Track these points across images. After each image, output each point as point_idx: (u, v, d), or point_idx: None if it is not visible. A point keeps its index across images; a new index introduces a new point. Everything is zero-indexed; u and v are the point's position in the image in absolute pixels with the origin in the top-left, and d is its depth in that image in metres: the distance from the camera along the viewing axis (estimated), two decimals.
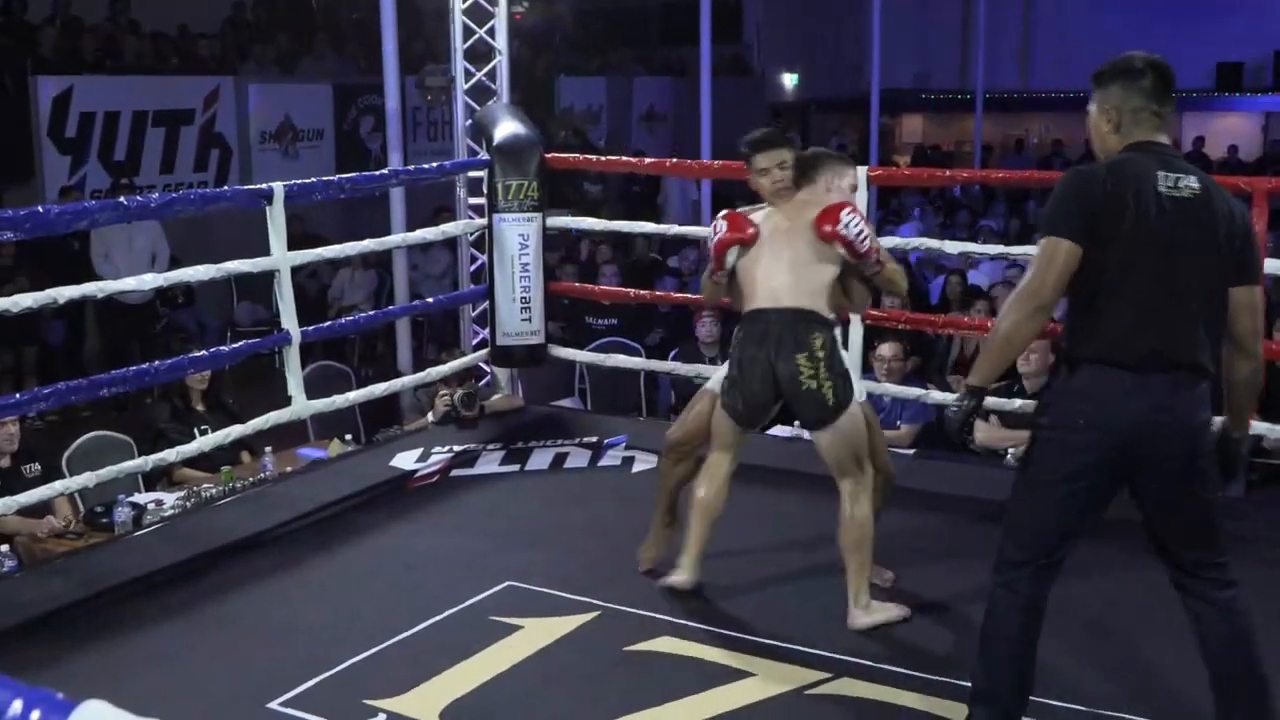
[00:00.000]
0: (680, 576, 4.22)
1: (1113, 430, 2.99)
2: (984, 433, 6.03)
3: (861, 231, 3.96)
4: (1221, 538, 3.13)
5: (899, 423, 6.36)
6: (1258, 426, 4.79)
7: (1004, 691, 3.19)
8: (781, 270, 4.03)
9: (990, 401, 5.66)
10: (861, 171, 5.60)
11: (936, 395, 5.85)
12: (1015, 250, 5.98)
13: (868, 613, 4.02)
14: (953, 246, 6.25)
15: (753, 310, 4.06)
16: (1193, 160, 18.92)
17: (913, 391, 5.94)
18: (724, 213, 4.19)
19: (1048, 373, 5.93)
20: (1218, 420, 3.20)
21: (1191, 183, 3.02)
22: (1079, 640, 3.90)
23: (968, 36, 21.11)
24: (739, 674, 3.69)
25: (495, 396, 6.43)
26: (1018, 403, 5.61)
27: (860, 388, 4.25)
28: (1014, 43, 21.92)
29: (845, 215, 3.95)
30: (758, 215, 4.18)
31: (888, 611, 4.06)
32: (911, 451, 5.97)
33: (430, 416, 6.27)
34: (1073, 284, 3.04)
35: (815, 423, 4.04)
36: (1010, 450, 5.86)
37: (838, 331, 4.12)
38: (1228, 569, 3.12)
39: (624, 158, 8.53)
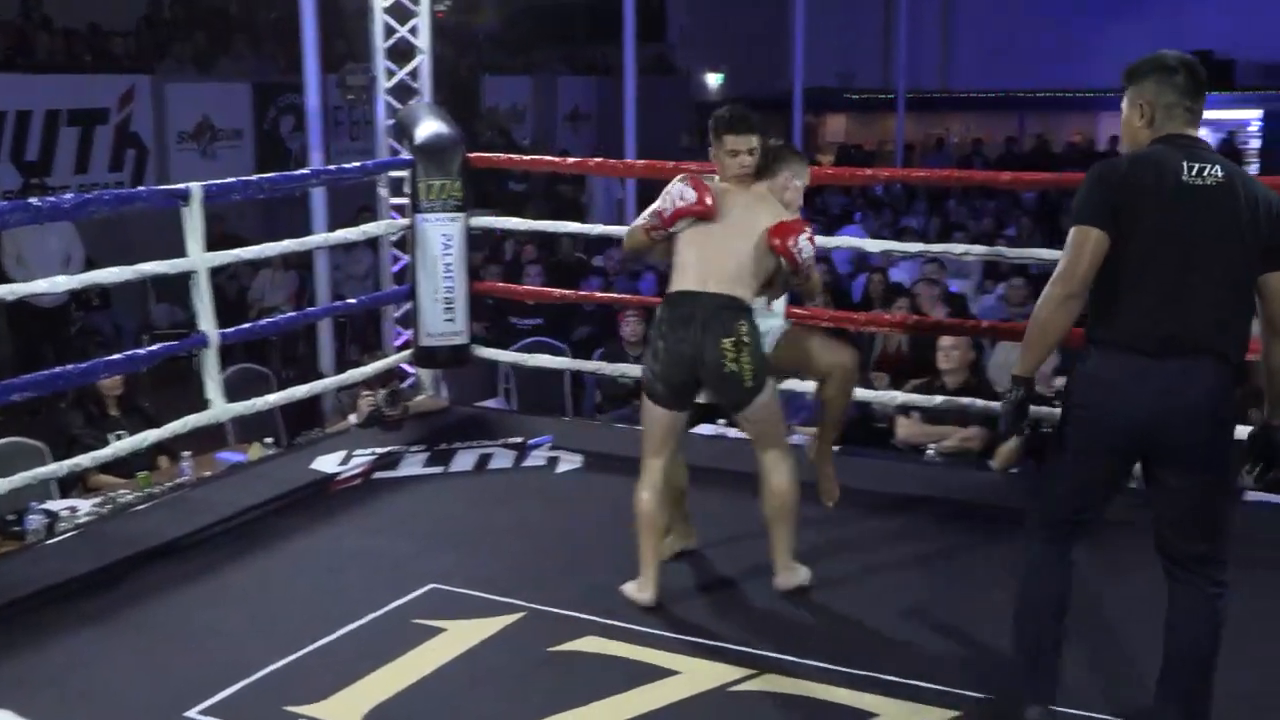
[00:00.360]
0: (642, 595, 4.18)
1: (1125, 412, 3.11)
2: (905, 429, 6.09)
3: (810, 257, 4.10)
4: (1223, 536, 3.19)
5: None
6: None
7: (1027, 642, 3.35)
8: (722, 256, 4.08)
9: (911, 398, 5.73)
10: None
11: (859, 392, 5.88)
12: (936, 248, 6.05)
13: (793, 574, 4.22)
14: (874, 245, 6.32)
15: (681, 292, 4.10)
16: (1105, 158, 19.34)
17: None
18: (689, 177, 4.18)
19: (967, 369, 6.03)
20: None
21: (1216, 171, 3.10)
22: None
23: (889, 36, 21.32)
24: (664, 672, 3.69)
25: (419, 397, 6.39)
26: (938, 399, 5.68)
27: (778, 326, 4.41)
28: (935, 43, 22.18)
29: (802, 240, 4.05)
30: (720, 194, 4.18)
31: (802, 573, 4.26)
32: (836, 447, 6.01)
33: (353, 418, 6.21)
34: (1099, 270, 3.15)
35: (733, 404, 4.15)
36: (931, 446, 5.92)
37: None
38: (1223, 569, 3.19)
39: (548, 157, 8.49)
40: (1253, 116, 20.93)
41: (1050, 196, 14.57)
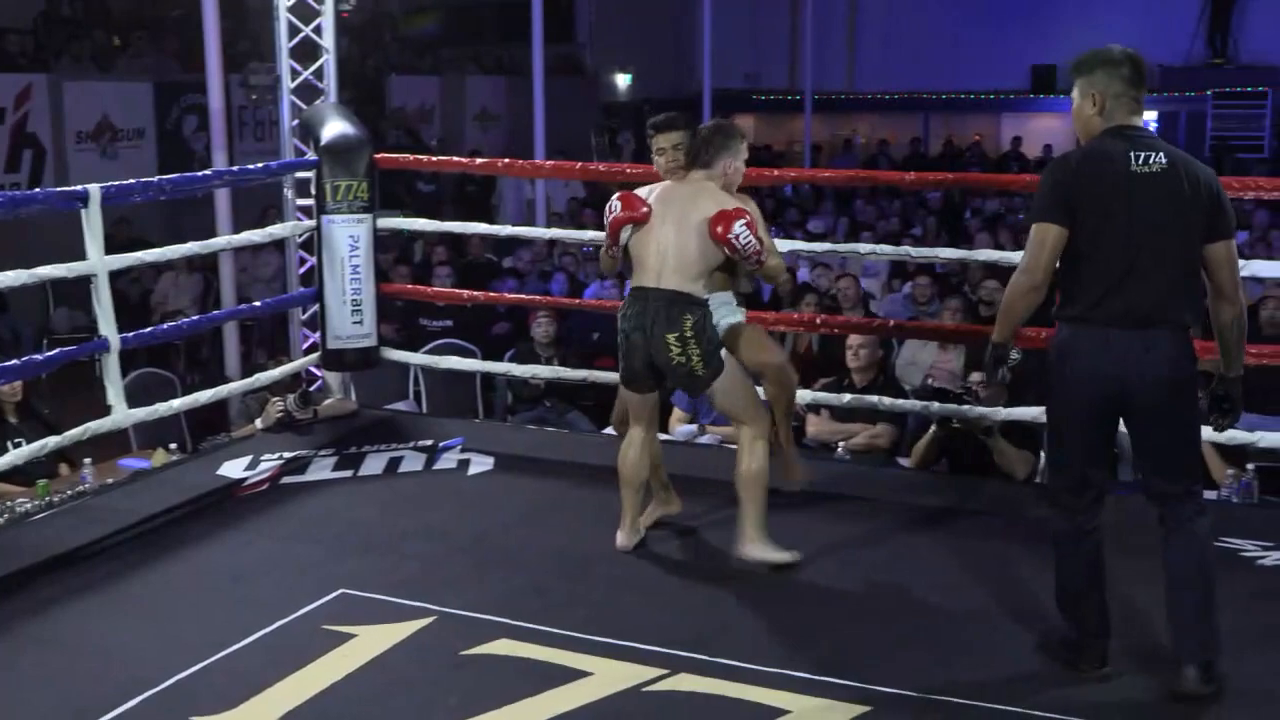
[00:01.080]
0: (621, 539, 4.58)
1: (1093, 378, 3.47)
2: (815, 427, 6.15)
3: (750, 242, 4.26)
4: (1196, 472, 3.64)
5: None
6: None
7: (1073, 604, 3.64)
8: (667, 251, 4.33)
9: (820, 396, 5.79)
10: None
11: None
12: (843, 248, 6.12)
13: (756, 546, 4.39)
14: (782, 244, 6.36)
15: (637, 287, 4.41)
16: (1013, 160, 19.86)
17: None
18: (619, 193, 4.43)
19: (875, 367, 6.11)
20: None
21: (1159, 158, 3.42)
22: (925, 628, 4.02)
23: (796, 38, 21.51)
24: (577, 674, 3.69)
25: (328, 401, 6.31)
26: (847, 397, 5.74)
27: (737, 317, 4.59)
28: (841, 45, 22.43)
29: (738, 227, 4.24)
30: (653, 191, 4.45)
31: (779, 554, 4.39)
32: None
33: (259, 423, 6.12)
34: (1063, 255, 3.49)
35: (690, 390, 4.55)
36: (840, 444, 5.98)
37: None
38: (1198, 499, 3.59)
39: (456, 158, 8.45)
40: (1149, 118, 21.48)
41: (954, 196, 14.82)
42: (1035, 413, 5.30)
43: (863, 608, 4.20)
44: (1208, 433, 3.90)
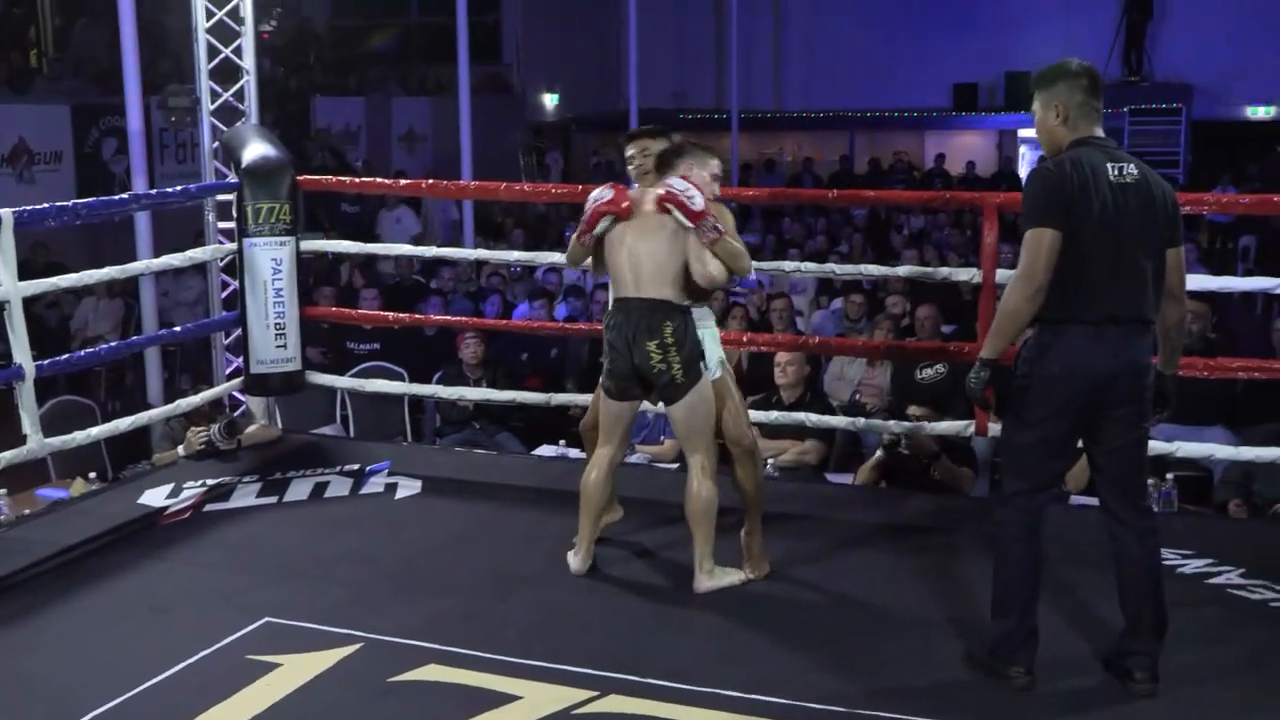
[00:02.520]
0: (574, 563, 4.59)
1: (1082, 374, 3.60)
2: None
3: (689, 193, 4.26)
4: (1146, 484, 3.80)
5: (662, 438, 6.46)
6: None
7: (1015, 602, 3.71)
8: (641, 260, 4.37)
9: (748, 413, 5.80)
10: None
11: None
12: (767, 266, 6.16)
13: (711, 577, 4.43)
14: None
15: (619, 299, 4.46)
16: (937, 176, 20.17)
17: None
18: (611, 184, 4.53)
19: (804, 384, 6.14)
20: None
21: (1133, 170, 3.63)
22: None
23: (722, 58, 21.67)
24: (506, 698, 3.67)
25: (251, 428, 6.22)
26: (775, 414, 5.76)
27: (716, 357, 4.56)
28: (766, 64, 22.64)
29: (676, 181, 4.30)
30: (635, 196, 4.49)
31: (730, 576, 4.47)
32: (675, 465, 6.06)
33: (181, 450, 6.01)
34: None
35: (667, 399, 4.43)
36: (770, 460, 6.00)
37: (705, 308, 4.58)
38: (1151, 514, 3.78)
39: (380, 179, 8.39)
40: None
41: (880, 213, 14.97)
42: (959, 427, 5.37)
43: (792, 624, 4.21)
44: None
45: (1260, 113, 21.00)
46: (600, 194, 4.43)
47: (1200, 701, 3.66)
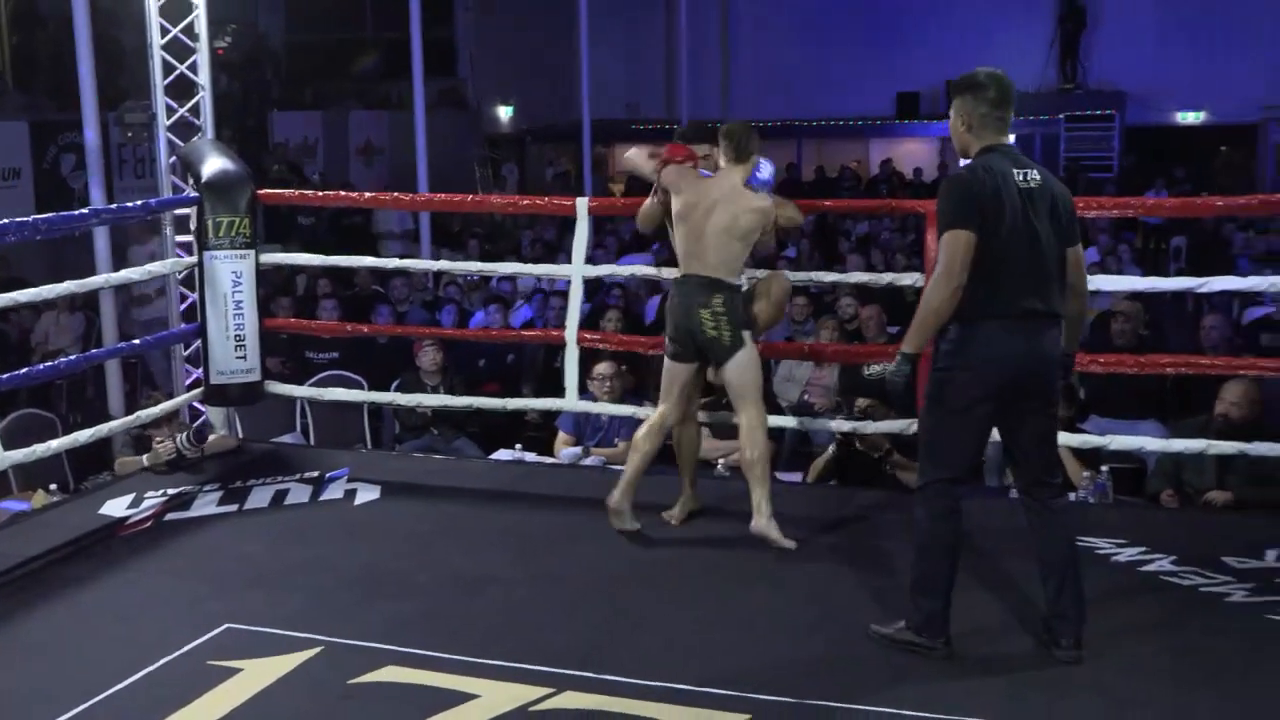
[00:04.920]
0: (610, 500, 5.03)
1: (1001, 365, 3.85)
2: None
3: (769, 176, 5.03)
4: (1057, 460, 4.09)
5: (616, 440, 6.54)
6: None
7: (941, 581, 3.95)
8: (701, 244, 4.91)
9: (699, 415, 5.91)
10: (581, 202, 5.79)
11: (647, 411, 6.05)
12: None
13: (767, 523, 4.85)
14: (671, 271, 6.49)
15: (679, 276, 5.02)
16: (882, 182, 20.48)
17: (628, 409, 6.12)
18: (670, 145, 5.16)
19: None
20: None
21: (1035, 175, 3.90)
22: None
23: (672, 69, 21.89)
24: (464, 697, 3.73)
25: (213, 436, 6.27)
26: (724, 414, 5.85)
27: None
28: (716, 75, 22.88)
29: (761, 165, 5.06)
30: (701, 176, 5.05)
31: (782, 539, 4.84)
32: None
33: (146, 460, 6.03)
34: None
35: (718, 361, 4.93)
36: (721, 460, 6.11)
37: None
38: (1062, 491, 4.10)
39: (340, 193, 8.43)
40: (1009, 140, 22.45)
41: (828, 220, 15.15)
42: (904, 424, 5.49)
43: (745, 619, 4.30)
44: (1066, 437, 4.16)
45: (1190, 118, 21.66)
46: (662, 150, 5.15)
47: (1134, 681, 3.79)
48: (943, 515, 3.95)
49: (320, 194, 8.86)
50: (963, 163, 4.01)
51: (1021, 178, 3.85)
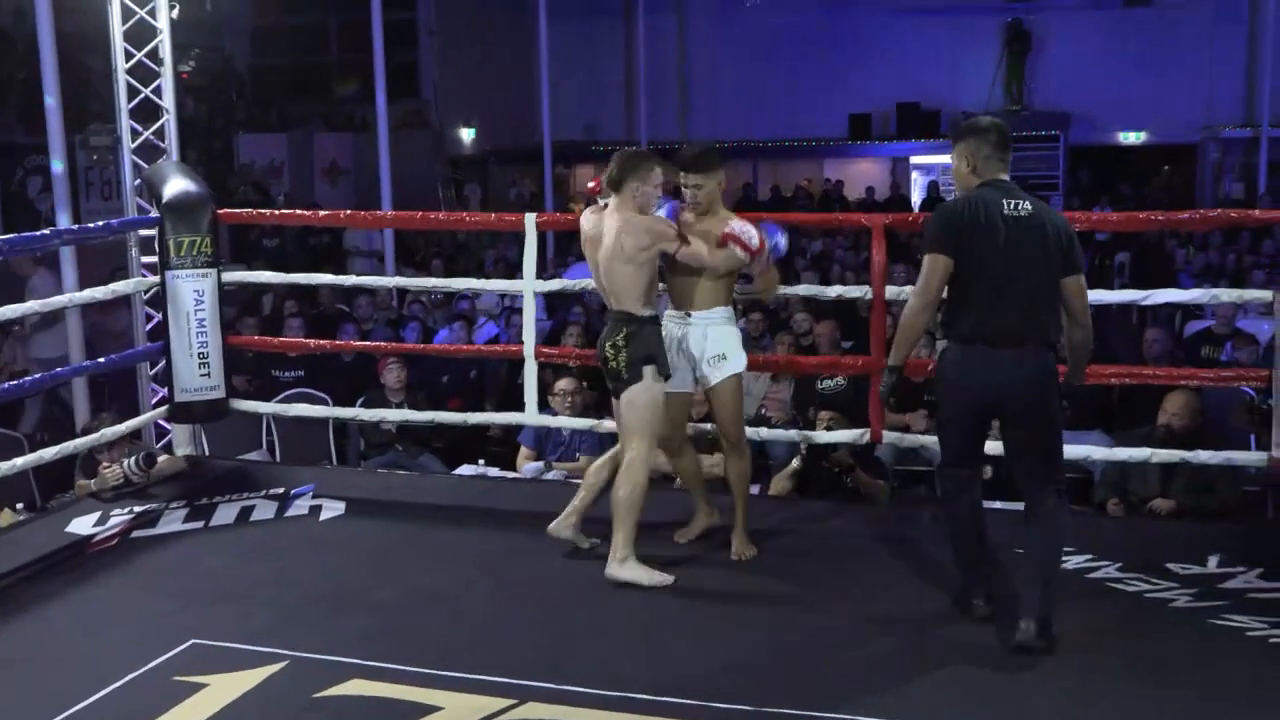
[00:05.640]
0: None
1: (973, 387, 4.14)
2: (659, 458, 6.32)
3: (748, 233, 4.79)
4: (1056, 461, 4.26)
5: (577, 454, 6.62)
6: None
7: (969, 548, 4.32)
8: (601, 277, 4.83)
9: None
10: (529, 218, 5.87)
11: (610, 424, 6.12)
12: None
13: (621, 566, 4.69)
14: None
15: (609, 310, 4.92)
16: (833, 200, 20.78)
17: (589, 422, 6.19)
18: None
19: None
20: None
21: (1027, 206, 4.10)
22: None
23: (631, 91, 22.09)
24: (427, 709, 3.77)
25: (162, 458, 6.22)
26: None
27: (743, 356, 4.98)
28: (673, 97, 23.12)
29: (737, 226, 4.82)
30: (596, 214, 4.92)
31: (639, 572, 4.69)
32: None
33: (94, 485, 5.97)
34: (948, 285, 4.14)
35: (615, 391, 4.83)
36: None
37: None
38: (1057, 480, 4.23)
39: (299, 211, 8.46)
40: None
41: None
42: (857, 434, 5.60)
43: (707, 630, 4.36)
44: None
45: (1132, 138, 22.20)
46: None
47: (1085, 682, 3.89)
48: (954, 496, 4.32)
49: (278, 212, 8.89)
50: (925, 181, 4.23)
51: (1010, 207, 4.07)
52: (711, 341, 4.91)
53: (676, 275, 4.93)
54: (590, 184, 5.13)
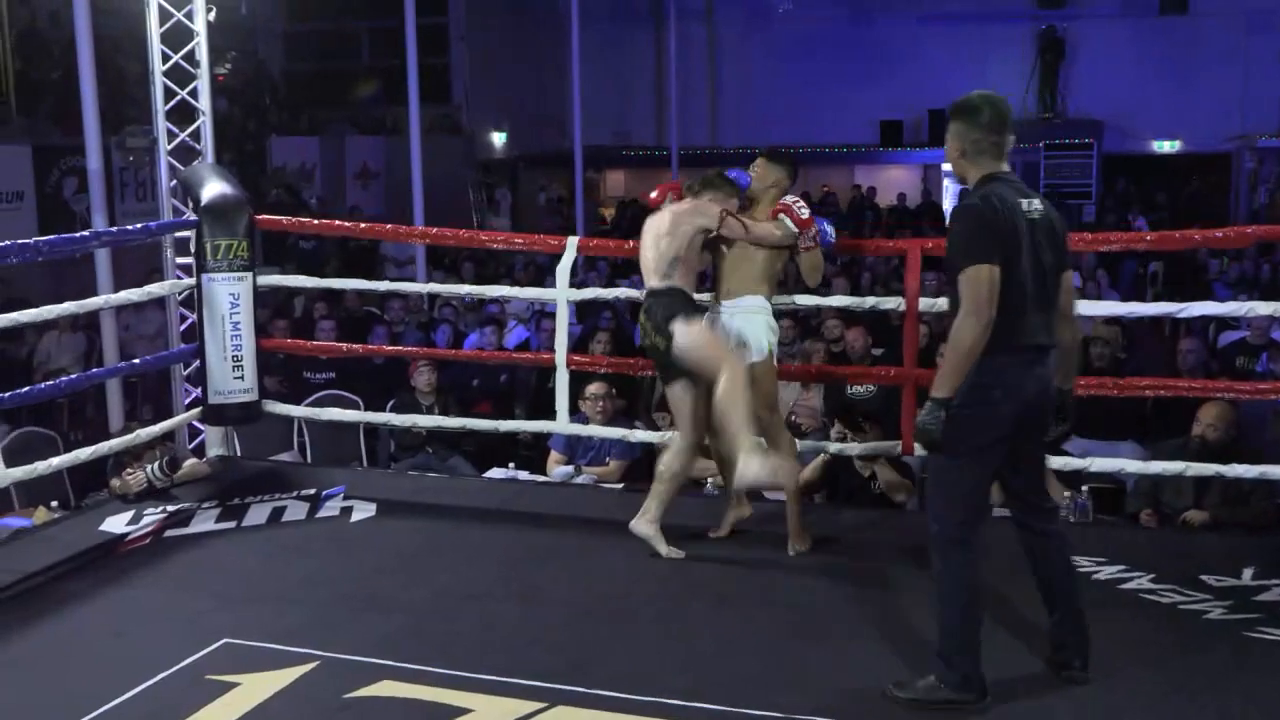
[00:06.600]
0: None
1: (1020, 397, 3.74)
2: None
3: (799, 204, 5.06)
4: (1048, 485, 4.09)
5: (608, 459, 6.63)
6: None
7: (971, 633, 3.79)
8: (640, 256, 5.06)
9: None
10: (571, 241, 5.92)
11: (641, 434, 6.15)
12: (704, 295, 6.36)
13: (644, 523, 4.95)
14: None
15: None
16: (865, 207, 20.75)
17: (619, 431, 6.21)
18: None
19: None
20: None
21: (1037, 204, 3.79)
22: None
23: (662, 97, 22.14)
24: (457, 711, 3.77)
25: (188, 463, 6.25)
26: None
27: (764, 343, 5.03)
28: (704, 103, 23.17)
29: (788, 199, 5.14)
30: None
31: (659, 542, 4.96)
32: (620, 486, 6.26)
33: (115, 484, 5.97)
34: None
35: (665, 377, 5.09)
36: (710, 479, 6.19)
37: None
38: (1055, 513, 4.08)
39: (339, 221, 8.46)
40: None
41: None
42: (889, 446, 5.58)
43: (736, 635, 4.35)
44: (1049, 459, 4.23)
45: (1165, 146, 22.15)
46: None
47: (1114, 696, 3.86)
48: (970, 564, 3.78)
49: (317, 221, 8.92)
50: (957, 188, 4.05)
51: (1027, 207, 3.74)
52: (737, 326, 5.02)
53: (721, 262, 5.10)
54: (654, 194, 5.32)
